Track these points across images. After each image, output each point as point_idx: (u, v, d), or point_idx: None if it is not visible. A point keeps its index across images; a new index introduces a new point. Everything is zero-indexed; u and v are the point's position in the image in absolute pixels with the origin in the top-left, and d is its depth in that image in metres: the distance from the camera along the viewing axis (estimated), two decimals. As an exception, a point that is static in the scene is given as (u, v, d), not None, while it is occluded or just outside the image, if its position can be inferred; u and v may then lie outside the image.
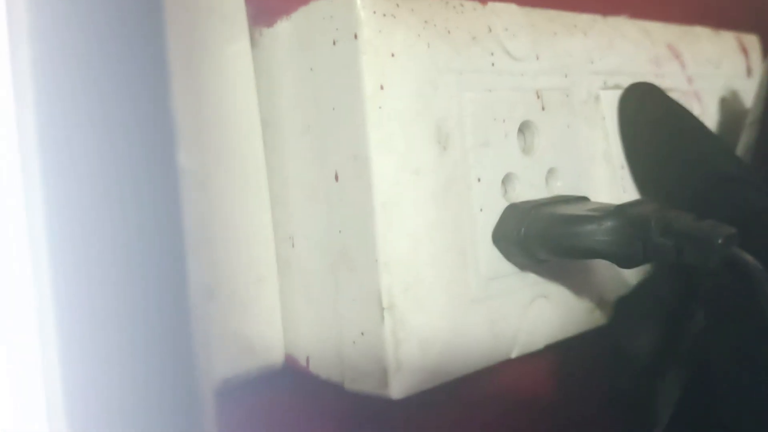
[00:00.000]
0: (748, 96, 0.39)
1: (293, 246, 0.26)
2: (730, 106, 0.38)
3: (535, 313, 0.27)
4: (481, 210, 0.25)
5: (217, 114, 0.25)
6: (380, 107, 0.23)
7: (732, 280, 0.23)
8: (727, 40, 0.39)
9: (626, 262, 0.24)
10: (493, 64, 0.26)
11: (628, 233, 0.24)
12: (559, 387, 0.35)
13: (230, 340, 0.25)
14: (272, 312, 0.26)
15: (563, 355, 0.33)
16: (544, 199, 0.27)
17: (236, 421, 0.26)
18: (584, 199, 0.27)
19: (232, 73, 0.26)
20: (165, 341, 0.22)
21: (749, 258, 0.22)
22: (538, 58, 0.27)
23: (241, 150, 0.26)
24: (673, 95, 0.33)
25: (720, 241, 0.22)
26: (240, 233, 0.25)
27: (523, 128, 0.27)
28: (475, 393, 0.31)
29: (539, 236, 0.25)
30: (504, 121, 0.26)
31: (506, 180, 0.26)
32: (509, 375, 0.32)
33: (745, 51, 0.40)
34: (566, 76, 0.29)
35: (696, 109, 0.35)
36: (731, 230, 0.22)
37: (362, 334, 0.24)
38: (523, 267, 0.26)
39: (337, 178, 0.24)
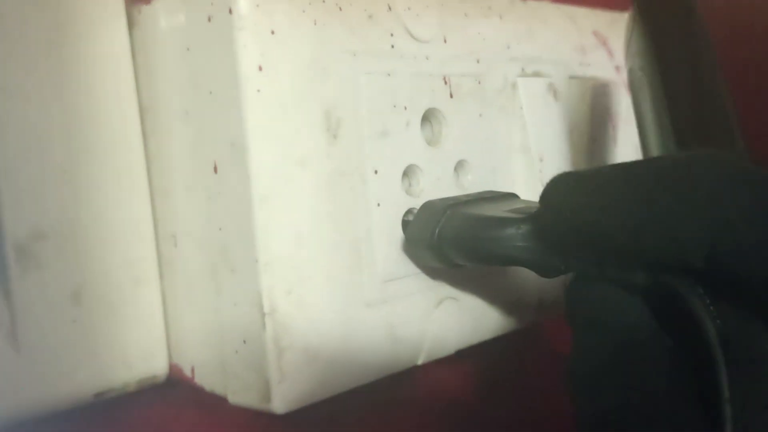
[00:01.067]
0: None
1: (176, 245, 0.23)
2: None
3: (443, 316, 0.25)
4: (378, 205, 0.23)
5: (89, 99, 0.23)
6: (259, 90, 0.20)
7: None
8: (660, 29, 0.37)
9: (545, 272, 0.22)
10: (392, 46, 0.24)
11: (547, 240, 0.21)
12: (475, 394, 0.33)
13: (102, 349, 0.23)
14: (153, 317, 0.24)
15: (479, 360, 0.31)
16: (465, 196, 0.24)
17: (114, 438, 0.24)
18: (512, 196, 0.25)
19: (107, 55, 0.23)
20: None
21: (678, 281, 0.18)
22: (445, 41, 0.25)
23: (116, 138, 0.23)
24: (599, 86, 0.31)
25: None
26: (114, 230, 0.23)
27: (429, 117, 0.25)
28: (383, 402, 0.29)
29: (453, 239, 0.22)
30: (405, 108, 0.24)
31: (409, 173, 0.24)
32: (421, 383, 0.30)
33: (678, 41, 0.38)
34: (478, 62, 0.27)
35: (624, 99, 0.33)
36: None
37: (244, 342, 0.22)
38: (433, 273, 0.24)
39: (215, 169, 0.22)
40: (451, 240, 0.22)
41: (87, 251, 0.22)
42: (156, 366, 0.24)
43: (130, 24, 0.23)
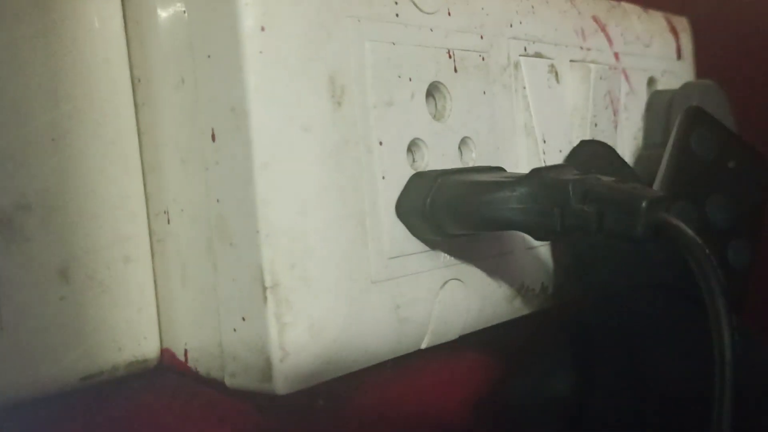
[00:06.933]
0: (678, 78, 0.37)
1: (168, 222, 0.22)
2: (659, 87, 0.36)
3: (448, 297, 0.24)
4: (383, 177, 0.22)
5: (79, 66, 0.21)
6: (261, 51, 0.19)
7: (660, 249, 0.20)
8: (657, 19, 0.37)
9: (542, 234, 0.21)
10: (397, 15, 0.23)
11: (543, 200, 0.21)
12: (476, 383, 0.32)
13: (90, 330, 0.21)
14: (144, 297, 0.23)
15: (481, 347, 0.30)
16: (454, 169, 0.24)
17: (102, 424, 0.22)
18: (499, 169, 0.24)
19: (96, 21, 0.22)
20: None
21: (679, 224, 0.19)
22: (449, 14, 0.25)
23: (105, 108, 0.22)
24: (600, 70, 0.31)
25: (644, 204, 0.19)
26: (103, 205, 0.22)
27: (433, 91, 0.24)
28: (382, 389, 0.28)
29: (447, 206, 0.22)
30: (410, 79, 0.23)
31: (413, 147, 0.23)
32: (422, 369, 0.29)
33: (675, 32, 0.38)
34: (482, 38, 0.26)
35: (623, 88, 0.33)
36: (658, 193, 0.20)
37: (243, 319, 0.20)
38: (432, 244, 0.23)
39: (213, 136, 0.20)
40: (444, 207, 0.22)
41: (74, 226, 0.21)
42: (147, 349, 0.23)
43: (122, -10, 0.22)
